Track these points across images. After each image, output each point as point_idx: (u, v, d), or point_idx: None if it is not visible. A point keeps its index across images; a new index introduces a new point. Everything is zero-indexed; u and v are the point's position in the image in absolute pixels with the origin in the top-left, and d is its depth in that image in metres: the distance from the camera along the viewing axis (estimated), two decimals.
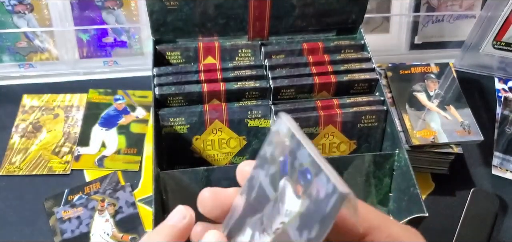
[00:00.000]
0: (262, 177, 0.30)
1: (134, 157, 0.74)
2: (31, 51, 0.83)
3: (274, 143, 0.30)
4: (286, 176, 0.29)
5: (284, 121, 0.30)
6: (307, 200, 0.27)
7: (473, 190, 0.70)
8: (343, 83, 0.66)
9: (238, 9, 0.67)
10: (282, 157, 0.29)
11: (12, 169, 0.72)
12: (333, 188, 0.25)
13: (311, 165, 0.27)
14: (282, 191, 0.29)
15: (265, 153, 0.31)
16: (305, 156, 0.28)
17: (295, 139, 0.28)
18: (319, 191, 0.26)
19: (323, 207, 0.26)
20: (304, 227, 0.27)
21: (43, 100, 0.81)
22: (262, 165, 0.31)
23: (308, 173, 0.27)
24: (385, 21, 0.88)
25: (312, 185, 0.27)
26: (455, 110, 0.73)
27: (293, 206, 0.28)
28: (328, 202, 0.25)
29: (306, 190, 0.27)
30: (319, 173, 0.27)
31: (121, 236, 0.66)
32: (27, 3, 0.79)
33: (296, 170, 0.28)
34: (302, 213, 0.27)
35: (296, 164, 0.28)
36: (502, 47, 0.81)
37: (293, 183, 0.28)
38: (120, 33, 0.84)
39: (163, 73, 0.66)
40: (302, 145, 0.28)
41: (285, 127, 0.29)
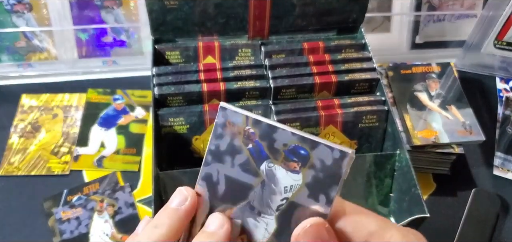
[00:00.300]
0: (226, 169, 0.32)
1: (134, 157, 0.74)
2: (30, 51, 0.83)
3: (229, 134, 0.32)
4: (267, 159, 0.31)
5: (234, 110, 0.32)
6: (311, 171, 0.31)
7: (474, 190, 0.70)
8: (344, 83, 0.66)
9: (238, 8, 0.66)
10: (250, 144, 0.32)
11: (11, 169, 0.72)
12: (341, 152, 0.30)
13: (301, 141, 0.31)
14: (268, 174, 0.32)
15: (218, 146, 0.32)
16: (286, 136, 0.31)
17: (262, 125, 0.31)
18: (324, 160, 0.30)
19: (336, 170, 0.31)
20: (317, 193, 0.31)
21: (42, 100, 0.80)
22: (218, 160, 0.32)
23: (301, 150, 0.31)
24: (386, 20, 0.88)
25: (312, 157, 0.31)
26: (456, 110, 0.73)
27: (292, 181, 0.31)
28: (341, 165, 0.30)
29: (305, 163, 0.31)
30: (316, 145, 0.31)
31: (120, 236, 0.66)
32: (26, 2, 0.79)
33: (279, 150, 0.31)
34: (308, 183, 0.31)
35: (277, 145, 0.31)
36: (504, 47, 0.81)
37: (281, 162, 0.31)
38: (119, 33, 0.83)
39: (162, 73, 0.65)
40: (274, 128, 0.31)
41: (240, 117, 0.32)
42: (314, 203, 0.31)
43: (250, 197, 0.32)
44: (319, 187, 0.31)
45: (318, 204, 0.31)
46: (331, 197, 0.31)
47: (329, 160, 0.31)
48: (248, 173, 0.32)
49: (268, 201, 0.32)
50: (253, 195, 0.32)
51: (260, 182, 0.32)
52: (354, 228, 0.31)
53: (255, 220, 0.32)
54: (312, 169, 0.31)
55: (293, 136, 0.31)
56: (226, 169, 0.32)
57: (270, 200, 0.32)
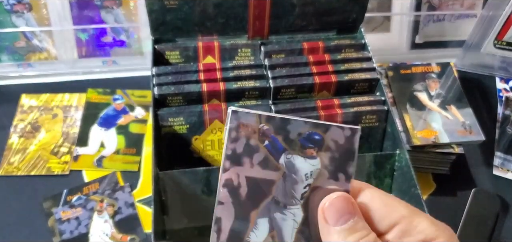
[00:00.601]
0: (246, 171, 0.33)
1: (133, 157, 0.74)
2: (29, 51, 0.83)
3: (244, 136, 0.33)
4: (285, 151, 0.33)
5: (245, 112, 0.33)
6: (327, 153, 0.33)
7: (474, 190, 0.70)
8: (344, 83, 0.66)
9: (238, 8, 0.66)
10: (266, 141, 0.33)
11: (10, 169, 0.72)
12: (351, 130, 0.33)
13: (314, 127, 0.33)
14: (288, 165, 0.33)
15: (234, 150, 0.33)
16: (299, 125, 0.33)
17: (274, 120, 0.33)
18: (338, 140, 0.33)
19: (349, 147, 0.33)
20: (336, 172, 0.33)
21: (42, 100, 0.80)
22: (236, 163, 0.33)
23: (315, 135, 0.33)
24: (385, 20, 0.88)
25: (326, 140, 0.33)
26: (456, 110, 0.73)
27: (311, 167, 0.33)
28: (353, 141, 0.33)
29: (321, 147, 0.33)
30: (328, 128, 0.33)
31: (120, 236, 0.66)
32: (26, 2, 0.79)
33: (295, 140, 0.33)
34: (326, 165, 0.33)
35: (292, 136, 0.33)
36: (504, 47, 0.81)
37: (298, 151, 0.33)
38: (119, 33, 0.83)
39: (162, 73, 0.65)
40: (287, 120, 0.33)
41: (253, 117, 0.33)
42: (335, 182, 0.33)
43: (274, 192, 0.33)
44: (337, 167, 0.33)
45: (338, 183, 0.33)
46: (350, 173, 0.33)
47: (341, 139, 0.33)
48: (268, 169, 0.33)
49: (291, 192, 0.33)
50: (276, 189, 0.33)
51: (281, 175, 0.33)
52: (386, 210, 0.32)
53: (282, 214, 0.33)
54: (328, 151, 0.33)
55: (306, 124, 0.33)
56: (246, 171, 0.33)
57: (293, 190, 0.33)
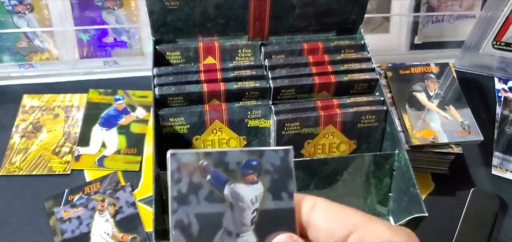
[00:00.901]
0: (194, 209, 0.34)
1: (134, 157, 0.75)
2: (31, 51, 0.83)
3: (185, 175, 0.34)
4: (227, 182, 0.34)
5: (183, 152, 0.34)
6: (267, 176, 0.34)
7: (473, 190, 0.71)
8: (343, 83, 0.66)
9: (238, 9, 0.67)
10: (208, 176, 0.34)
11: (12, 169, 0.72)
12: (284, 151, 0.35)
13: (250, 154, 0.34)
14: (233, 195, 0.34)
15: (179, 190, 0.34)
16: (236, 155, 0.34)
17: (211, 155, 0.34)
18: (274, 162, 0.35)
19: (286, 166, 0.35)
20: (279, 192, 0.34)
21: (43, 100, 0.81)
22: (184, 202, 0.34)
23: (253, 161, 0.34)
24: (385, 21, 0.88)
25: (263, 164, 0.34)
26: (455, 110, 0.73)
27: (255, 192, 0.34)
28: (288, 161, 0.35)
29: (260, 171, 0.34)
30: (263, 153, 0.34)
31: (121, 236, 0.66)
32: (27, 3, 0.79)
33: (235, 170, 0.34)
34: (268, 187, 0.34)
35: (232, 166, 0.34)
36: (502, 47, 0.81)
37: (240, 179, 0.34)
38: (120, 33, 0.84)
39: (163, 73, 0.66)
40: (224, 152, 0.34)
41: (191, 156, 0.34)
42: (279, 202, 0.34)
43: (224, 224, 0.34)
44: (279, 187, 0.34)
45: (282, 202, 0.34)
46: (291, 190, 0.35)
47: (277, 160, 0.34)
48: (215, 202, 0.34)
49: (241, 220, 0.34)
50: (226, 220, 0.34)
51: (228, 206, 0.34)
52: (339, 220, 0.33)
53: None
54: (267, 174, 0.34)
55: (241, 153, 0.34)
56: (194, 208, 0.34)
57: (242, 218, 0.34)
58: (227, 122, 0.65)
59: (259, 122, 0.65)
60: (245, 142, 0.66)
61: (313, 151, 0.66)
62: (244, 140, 0.66)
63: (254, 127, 0.66)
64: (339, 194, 0.63)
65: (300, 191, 0.63)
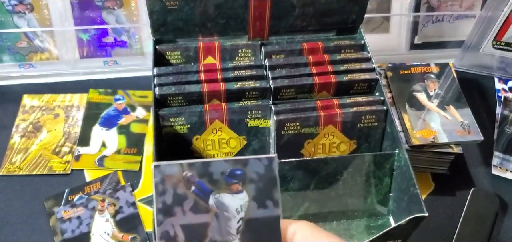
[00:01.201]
0: (179, 220, 0.34)
1: (134, 156, 0.75)
2: (31, 51, 0.83)
3: (169, 187, 0.34)
4: (211, 193, 0.34)
5: (167, 164, 0.34)
6: (252, 185, 0.34)
7: (473, 190, 0.71)
8: (343, 83, 0.66)
9: (238, 9, 0.67)
10: (193, 186, 0.34)
11: (12, 168, 0.72)
12: (268, 159, 0.34)
13: (234, 164, 0.34)
14: (218, 204, 0.34)
15: (164, 202, 0.34)
16: (220, 165, 0.34)
17: (195, 166, 0.34)
18: (258, 170, 0.34)
19: (270, 174, 0.34)
20: (264, 200, 0.34)
21: (43, 100, 0.81)
22: (169, 214, 0.34)
23: (237, 171, 0.34)
24: (385, 21, 0.88)
25: (247, 173, 0.34)
26: (455, 110, 0.73)
27: (240, 201, 0.34)
28: (272, 169, 0.34)
29: (244, 180, 0.34)
30: (247, 162, 0.34)
31: (121, 236, 0.66)
32: (27, 3, 0.79)
33: (219, 180, 0.34)
34: (254, 196, 0.34)
35: (216, 176, 0.34)
36: (502, 47, 0.81)
37: (224, 189, 0.34)
38: (120, 33, 0.84)
39: (163, 73, 0.66)
40: (207, 163, 0.34)
41: (175, 168, 0.34)
42: (264, 210, 0.34)
43: (210, 234, 0.34)
44: (264, 195, 0.34)
45: (268, 210, 0.34)
46: (276, 198, 0.34)
47: (261, 169, 0.34)
48: (200, 213, 0.34)
49: (227, 229, 0.34)
50: (212, 230, 0.34)
51: (213, 215, 0.34)
52: None
53: None
54: (252, 183, 0.34)
55: (226, 163, 0.34)
56: (179, 219, 0.34)
57: (228, 227, 0.34)
58: (227, 121, 0.65)
59: (259, 121, 0.65)
60: (245, 142, 0.66)
61: (313, 150, 0.66)
62: (244, 140, 0.66)
63: (254, 127, 0.66)
64: (339, 194, 0.64)
65: (300, 190, 0.63)
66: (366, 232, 0.65)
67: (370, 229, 0.65)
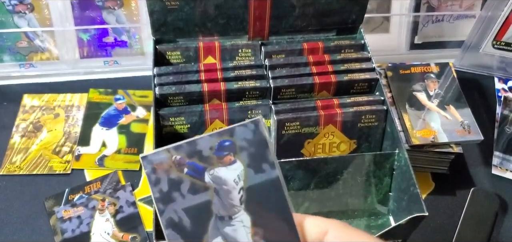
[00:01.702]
0: (180, 204, 0.33)
1: (135, 156, 0.75)
2: (31, 51, 0.83)
3: (162, 174, 0.33)
4: (205, 170, 0.34)
5: (154, 153, 0.33)
6: (244, 152, 0.34)
7: (473, 190, 0.71)
8: (343, 83, 0.66)
9: (238, 9, 0.67)
10: (185, 168, 0.34)
11: (12, 168, 0.72)
12: (253, 123, 0.34)
13: (219, 136, 0.34)
14: (215, 180, 0.34)
15: (161, 190, 0.33)
16: (206, 141, 0.34)
17: (182, 147, 0.34)
18: (246, 137, 0.34)
19: (260, 137, 0.34)
20: (259, 165, 0.34)
21: (44, 100, 0.81)
22: (169, 200, 0.33)
23: (225, 142, 0.34)
24: (385, 21, 0.88)
25: (236, 142, 0.34)
26: (455, 110, 0.73)
27: (235, 171, 0.34)
28: (260, 132, 0.34)
29: (235, 150, 0.34)
30: (233, 131, 0.34)
31: (121, 235, 0.66)
32: (28, 3, 0.79)
33: (210, 155, 0.34)
34: (248, 163, 0.34)
35: (206, 153, 0.34)
36: (502, 47, 0.82)
37: (217, 163, 0.34)
38: (121, 33, 0.84)
39: (163, 73, 0.66)
40: (194, 141, 0.34)
41: (163, 154, 0.34)
42: (262, 174, 0.34)
43: (214, 210, 0.34)
44: (258, 159, 0.34)
45: (266, 173, 0.34)
46: (271, 160, 0.34)
47: (249, 134, 0.34)
48: (199, 192, 0.34)
49: (229, 202, 0.34)
50: (215, 207, 0.34)
51: (213, 192, 0.34)
52: None
53: (230, 226, 0.34)
54: (243, 151, 0.34)
55: (211, 137, 0.34)
56: (180, 204, 0.33)
57: (231, 200, 0.34)
58: (227, 121, 0.65)
59: None
60: None
61: (313, 150, 0.66)
62: None
63: None
64: (339, 194, 0.64)
65: (300, 190, 0.63)
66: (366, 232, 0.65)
67: (370, 229, 0.65)
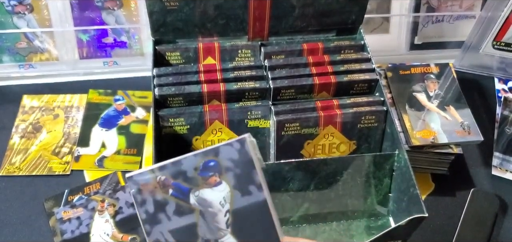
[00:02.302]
0: (166, 226, 0.32)
1: (134, 157, 0.74)
2: (31, 52, 0.83)
3: (147, 195, 0.32)
4: (190, 191, 0.32)
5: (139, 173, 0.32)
6: (230, 173, 0.32)
7: (473, 190, 0.71)
8: (343, 83, 0.66)
9: (238, 9, 0.67)
10: (170, 190, 0.32)
11: (12, 169, 0.72)
12: (239, 142, 0.32)
13: (204, 155, 0.32)
14: (200, 202, 0.32)
15: (147, 211, 0.32)
16: (191, 161, 0.32)
17: (166, 167, 0.32)
18: (231, 157, 0.32)
19: (245, 158, 0.32)
20: (245, 187, 0.32)
21: (43, 100, 0.81)
22: (155, 222, 0.32)
23: (210, 162, 0.32)
24: (385, 21, 0.88)
25: (222, 162, 0.32)
26: (455, 111, 0.73)
27: (221, 193, 0.32)
28: (245, 152, 0.32)
29: (220, 171, 0.32)
30: (218, 151, 0.32)
31: (121, 236, 0.66)
32: (27, 3, 0.79)
33: (195, 176, 0.32)
34: (234, 184, 0.32)
35: (190, 174, 0.32)
36: (502, 48, 0.81)
37: (202, 185, 0.32)
38: (120, 34, 0.84)
39: (163, 73, 0.66)
40: (178, 161, 0.32)
41: (147, 175, 0.32)
42: (249, 197, 0.32)
43: (200, 233, 0.33)
44: (245, 181, 0.32)
45: (253, 196, 0.32)
46: (258, 181, 0.32)
47: (235, 154, 0.32)
48: (185, 214, 0.32)
49: (215, 225, 0.33)
50: (201, 230, 0.33)
51: (199, 214, 0.33)
52: None
53: None
54: (229, 171, 0.32)
55: (196, 157, 0.32)
56: (166, 226, 0.33)
57: (216, 223, 0.32)
58: (227, 122, 0.65)
59: (259, 122, 0.65)
60: None
61: (313, 151, 0.66)
62: None
63: (254, 127, 0.66)
64: (339, 195, 0.63)
65: (300, 191, 0.63)
66: (366, 233, 0.65)
67: (370, 230, 0.65)
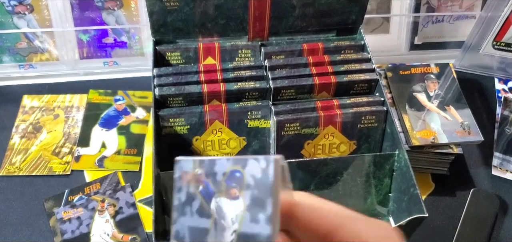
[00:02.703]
0: (188, 221, 0.32)
1: (134, 157, 0.75)
2: (31, 52, 0.83)
3: (184, 184, 0.32)
4: (214, 195, 0.31)
5: (185, 159, 0.32)
6: (248, 192, 0.30)
7: (473, 191, 0.71)
8: (343, 83, 0.66)
9: (238, 9, 0.67)
10: (200, 186, 0.31)
11: (12, 169, 0.72)
12: (266, 160, 0.29)
13: (234, 164, 0.30)
14: (218, 210, 0.31)
15: (180, 199, 0.32)
16: (223, 164, 0.31)
17: (205, 163, 0.31)
18: (255, 174, 0.29)
19: (266, 180, 0.29)
20: (256, 214, 0.29)
21: (43, 101, 0.81)
22: (182, 213, 0.32)
23: (235, 173, 0.30)
24: (385, 21, 0.88)
25: (245, 176, 0.30)
26: (455, 111, 0.73)
27: (236, 209, 0.30)
28: (268, 173, 0.29)
29: (242, 185, 0.30)
30: (246, 163, 0.30)
31: (121, 236, 0.66)
32: (27, 3, 0.79)
33: (221, 181, 0.31)
34: (248, 205, 0.30)
35: (219, 177, 0.31)
36: (502, 48, 0.81)
37: (224, 194, 0.31)
38: (120, 34, 0.84)
39: (163, 73, 0.66)
40: (214, 161, 0.31)
41: (190, 163, 0.31)
42: (256, 226, 0.29)
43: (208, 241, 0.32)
44: (257, 207, 0.29)
45: (259, 226, 0.29)
46: (268, 213, 0.29)
47: (258, 172, 0.29)
48: (203, 217, 0.31)
49: (221, 240, 0.31)
50: (210, 238, 0.31)
51: (213, 222, 0.31)
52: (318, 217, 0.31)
53: None
54: (248, 189, 0.30)
55: (228, 162, 0.31)
56: (188, 220, 0.32)
57: (222, 238, 0.31)
58: (227, 122, 0.65)
59: (259, 122, 0.65)
60: (245, 143, 0.66)
61: (313, 151, 0.66)
62: (244, 141, 0.66)
63: (254, 127, 0.66)
64: (339, 195, 0.63)
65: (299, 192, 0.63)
66: None
67: None
